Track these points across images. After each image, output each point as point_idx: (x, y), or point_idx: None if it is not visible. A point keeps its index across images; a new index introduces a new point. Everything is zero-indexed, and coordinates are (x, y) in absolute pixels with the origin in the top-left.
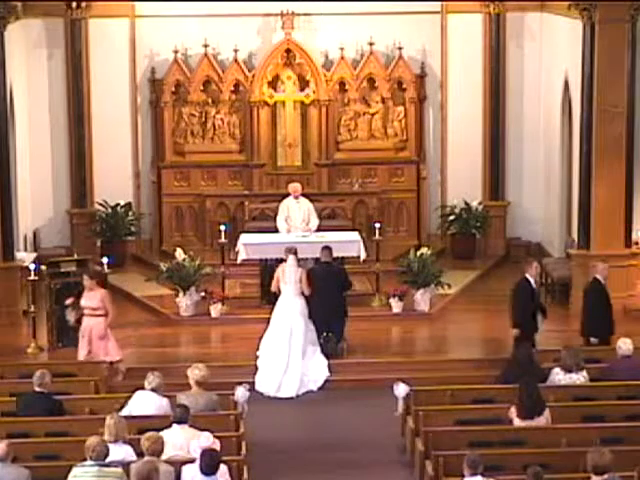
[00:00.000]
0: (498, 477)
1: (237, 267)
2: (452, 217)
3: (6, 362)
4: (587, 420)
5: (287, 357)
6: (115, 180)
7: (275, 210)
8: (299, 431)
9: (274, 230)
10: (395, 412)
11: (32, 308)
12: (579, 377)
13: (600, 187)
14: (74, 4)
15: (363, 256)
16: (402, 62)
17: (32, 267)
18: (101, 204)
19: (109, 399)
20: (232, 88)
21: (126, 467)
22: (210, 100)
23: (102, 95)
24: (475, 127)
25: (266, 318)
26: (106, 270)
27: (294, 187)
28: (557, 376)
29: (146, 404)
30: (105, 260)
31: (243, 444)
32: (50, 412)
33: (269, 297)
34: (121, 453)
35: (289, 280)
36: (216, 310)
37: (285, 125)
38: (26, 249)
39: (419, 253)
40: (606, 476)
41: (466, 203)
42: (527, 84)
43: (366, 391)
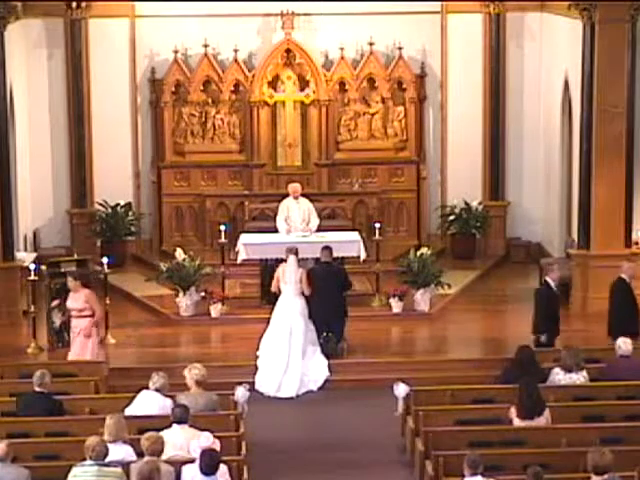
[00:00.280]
0: (498, 477)
1: (237, 267)
2: (452, 217)
3: (6, 362)
4: (587, 420)
5: (287, 357)
6: (115, 180)
7: (275, 210)
8: (299, 431)
9: (274, 230)
10: (395, 412)
11: (32, 308)
12: (579, 377)
13: (600, 187)
14: (74, 4)
15: (363, 256)
16: (402, 62)
17: (32, 267)
18: (101, 204)
19: (109, 399)
20: (232, 88)
21: (126, 467)
22: (210, 100)
23: (102, 95)
24: (475, 127)
25: (266, 318)
26: (106, 270)
27: (294, 187)
28: (557, 376)
29: (149, 404)
30: (105, 260)
31: (243, 444)
32: (50, 412)
33: (269, 297)
34: (121, 453)
35: (289, 280)
36: (216, 310)
37: (285, 125)
38: (26, 249)
39: (419, 253)
40: (606, 476)
41: (466, 203)
42: (527, 84)
43: (366, 391)
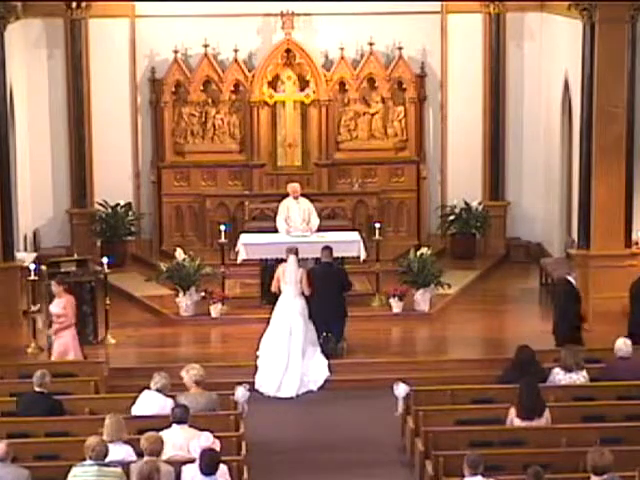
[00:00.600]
0: (498, 477)
1: (237, 267)
2: (452, 217)
3: (6, 362)
4: (587, 420)
5: (287, 357)
6: (115, 180)
7: (275, 210)
8: (299, 431)
9: (274, 230)
10: (395, 412)
11: (32, 308)
12: (579, 377)
13: (600, 187)
14: (74, 4)
15: (363, 256)
16: (402, 62)
17: (32, 267)
18: (101, 204)
19: (109, 399)
20: (232, 88)
21: (126, 467)
22: (210, 100)
23: (102, 95)
24: (475, 127)
25: (266, 318)
26: (106, 270)
27: (293, 187)
28: (557, 376)
29: (150, 404)
30: (105, 260)
31: (243, 444)
32: (50, 412)
33: (269, 297)
34: (121, 453)
35: (289, 280)
36: (216, 310)
37: (285, 125)
38: (26, 249)
39: (419, 253)
40: (606, 476)
41: (466, 203)
42: (527, 84)
43: (366, 391)
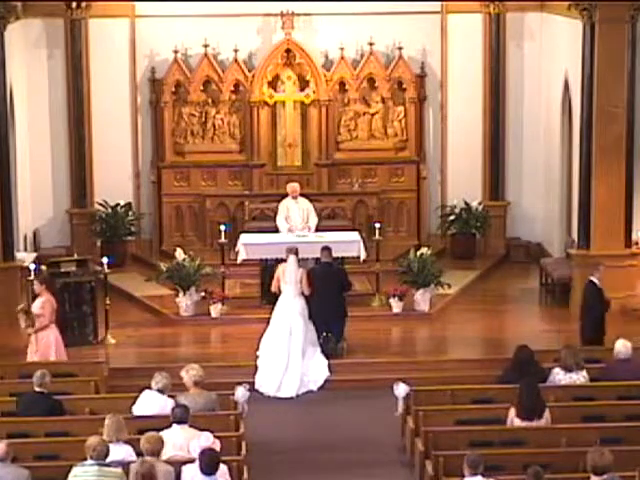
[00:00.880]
0: (498, 477)
1: (237, 267)
2: (452, 217)
3: (6, 362)
4: (587, 420)
5: (287, 357)
6: (115, 180)
7: (275, 210)
8: (299, 431)
9: (274, 230)
10: (395, 412)
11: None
12: (579, 377)
13: (600, 187)
14: (74, 4)
15: (363, 256)
16: (402, 62)
17: (32, 267)
18: (101, 204)
19: (109, 399)
20: (232, 88)
21: (126, 467)
22: (210, 100)
23: (102, 95)
24: (475, 127)
25: (266, 318)
26: (106, 270)
27: (292, 187)
28: (557, 376)
29: (150, 404)
30: (105, 260)
31: (243, 444)
32: (50, 412)
33: (269, 297)
34: (121, 453)
35: (289, 280)
36: (216, 310)
37: (285, 125)
38: (26, 249)
39: (419, 253)
40: (606, 476)
41: (466, 203)
42: (527, 84)
43: (366, 391)
